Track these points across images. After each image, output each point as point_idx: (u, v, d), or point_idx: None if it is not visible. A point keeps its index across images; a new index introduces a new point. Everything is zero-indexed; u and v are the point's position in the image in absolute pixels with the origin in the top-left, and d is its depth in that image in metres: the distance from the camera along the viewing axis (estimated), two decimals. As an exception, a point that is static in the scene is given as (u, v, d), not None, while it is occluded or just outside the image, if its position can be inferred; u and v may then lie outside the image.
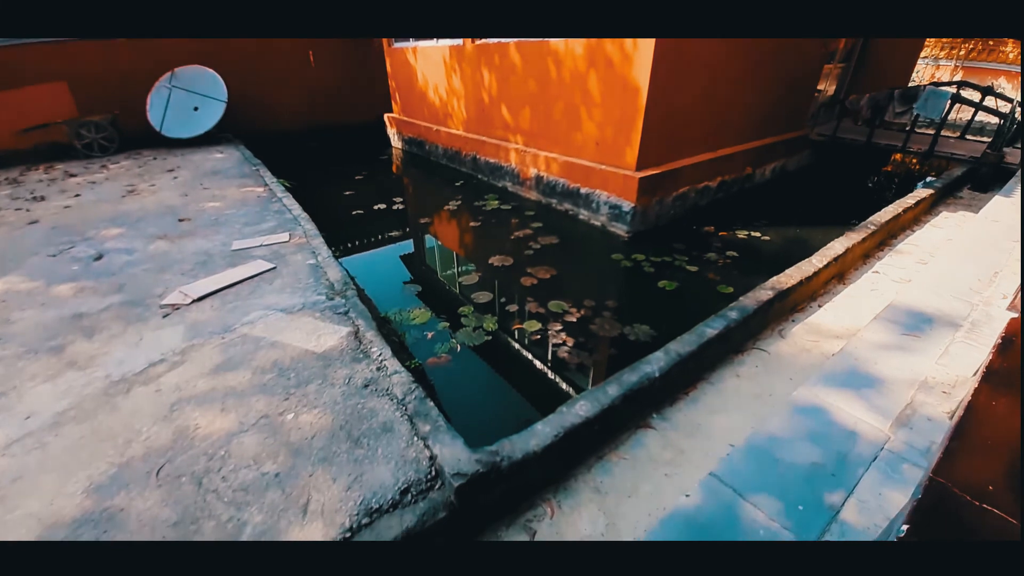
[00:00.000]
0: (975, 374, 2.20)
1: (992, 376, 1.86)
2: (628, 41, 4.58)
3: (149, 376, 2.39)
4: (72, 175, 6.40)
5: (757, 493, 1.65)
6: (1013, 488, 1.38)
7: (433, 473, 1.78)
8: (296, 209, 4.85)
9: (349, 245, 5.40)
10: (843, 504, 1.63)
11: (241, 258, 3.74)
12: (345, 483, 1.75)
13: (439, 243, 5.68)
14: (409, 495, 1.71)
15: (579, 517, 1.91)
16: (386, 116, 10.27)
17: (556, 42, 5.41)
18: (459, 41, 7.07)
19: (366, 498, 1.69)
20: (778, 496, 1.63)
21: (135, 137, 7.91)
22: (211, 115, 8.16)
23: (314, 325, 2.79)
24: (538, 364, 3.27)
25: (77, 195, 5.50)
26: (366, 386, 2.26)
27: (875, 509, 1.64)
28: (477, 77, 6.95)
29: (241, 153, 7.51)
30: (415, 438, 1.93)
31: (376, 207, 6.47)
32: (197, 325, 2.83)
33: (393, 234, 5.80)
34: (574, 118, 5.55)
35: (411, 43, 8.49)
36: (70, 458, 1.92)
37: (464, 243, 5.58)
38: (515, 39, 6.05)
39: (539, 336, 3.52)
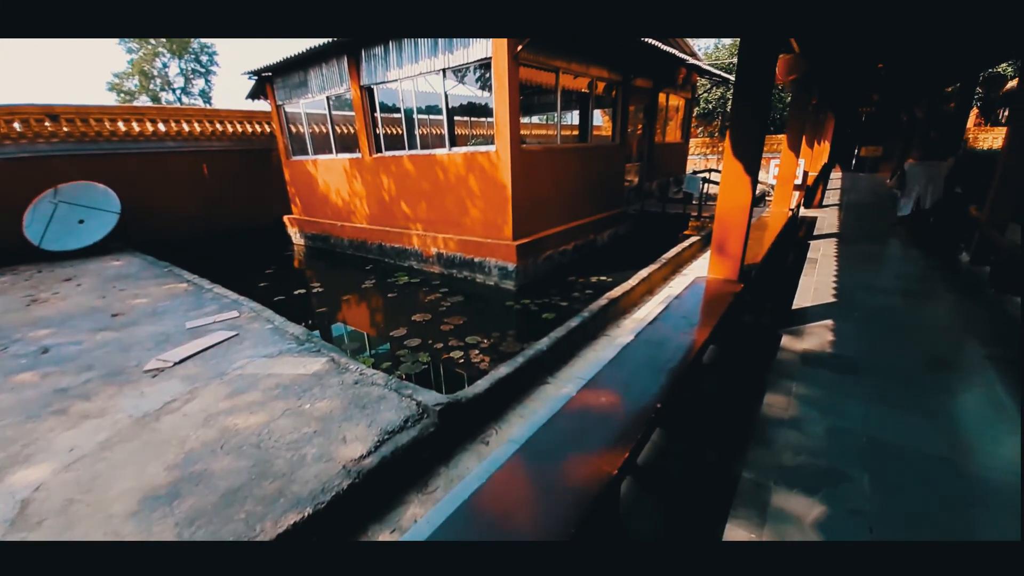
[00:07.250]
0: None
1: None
2: (493, 153, 6.60)
3: (170, 409, 3.03)
4: (-62, 295, 6.01)
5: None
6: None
7: (421, 410, 2.87)
8: (232, 294, 5.51)
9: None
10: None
11: (200, 333, 4.36)
12: (366, 425, 2.74)
13: (366, 311, 6.65)
14: (409, 422, 2.76)
15: (512, 429, 3.10)
16: (285, 218, 11.12)
17: (441, 155, 7.29)
18: (357, 154, 8.66)
19: (383, 428, 2.70)
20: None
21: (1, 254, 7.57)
22: (101, 227, 8.22)
23: (296, 360, 3.66)
24: (466, 374, 4.45)
25: (-35, 310, 5.33)
26: (356, 383, 3.25)
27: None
28: (377, 181, 8.51)
29: (141, 259, 7.68)
30: (403, 397, 3.00)
31: (296, 292, 7.22)
32: (191, 377, 3.48)
33: (322, 310, 6.61)
34: (463, 207, 7.32)
35: (310, 156, 9.85)
36: (138, 457, 2.54)
37: (387, 308, 6.64)
38: (407, 152, 7.84)
39: (463, 359, 4.73)
